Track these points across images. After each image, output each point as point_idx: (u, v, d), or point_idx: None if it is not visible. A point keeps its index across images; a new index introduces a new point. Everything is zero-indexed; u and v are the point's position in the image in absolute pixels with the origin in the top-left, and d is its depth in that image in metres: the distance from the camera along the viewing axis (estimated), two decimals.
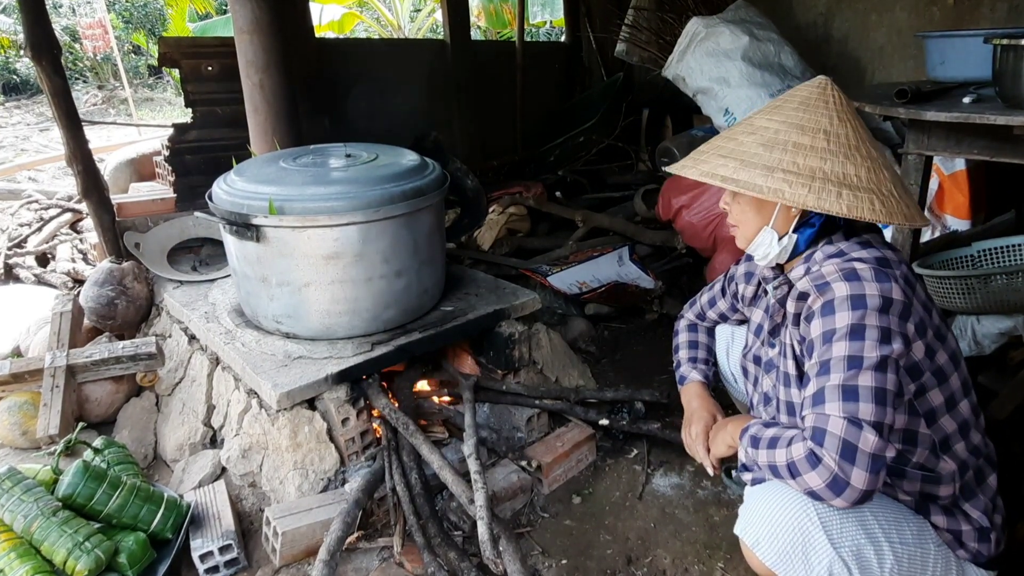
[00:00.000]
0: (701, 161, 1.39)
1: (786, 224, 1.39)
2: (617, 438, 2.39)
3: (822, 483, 1.16)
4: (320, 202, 2.05)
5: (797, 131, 1.32)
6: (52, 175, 8.29)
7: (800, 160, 1.29)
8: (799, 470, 1.19)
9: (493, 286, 2.66)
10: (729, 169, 1.32)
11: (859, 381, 1.20)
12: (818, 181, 1.26)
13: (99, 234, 3.05)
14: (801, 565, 1.23)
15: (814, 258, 1.38)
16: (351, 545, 1.92)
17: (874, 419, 1.17)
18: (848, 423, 1.17)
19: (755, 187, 1.29)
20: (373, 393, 2.17)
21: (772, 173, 1.29)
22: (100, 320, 2.79)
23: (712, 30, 3.06)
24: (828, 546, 1.21)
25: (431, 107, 4.19)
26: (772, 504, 1.27)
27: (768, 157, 1.31)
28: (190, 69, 3.23)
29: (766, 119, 1.37)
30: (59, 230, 4.62)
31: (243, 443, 2.14)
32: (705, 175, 1.35)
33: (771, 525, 1.26)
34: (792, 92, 1.38)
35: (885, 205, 1.26)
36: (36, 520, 1.74)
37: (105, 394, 2.54)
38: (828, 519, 1.22)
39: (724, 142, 1.40)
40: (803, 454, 1.19)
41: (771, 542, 1.25)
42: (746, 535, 1.30)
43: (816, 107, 1.33)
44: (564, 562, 1.91)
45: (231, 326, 2.37)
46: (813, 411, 1.22)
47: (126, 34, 17.08)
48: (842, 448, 1.15)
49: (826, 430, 1.18)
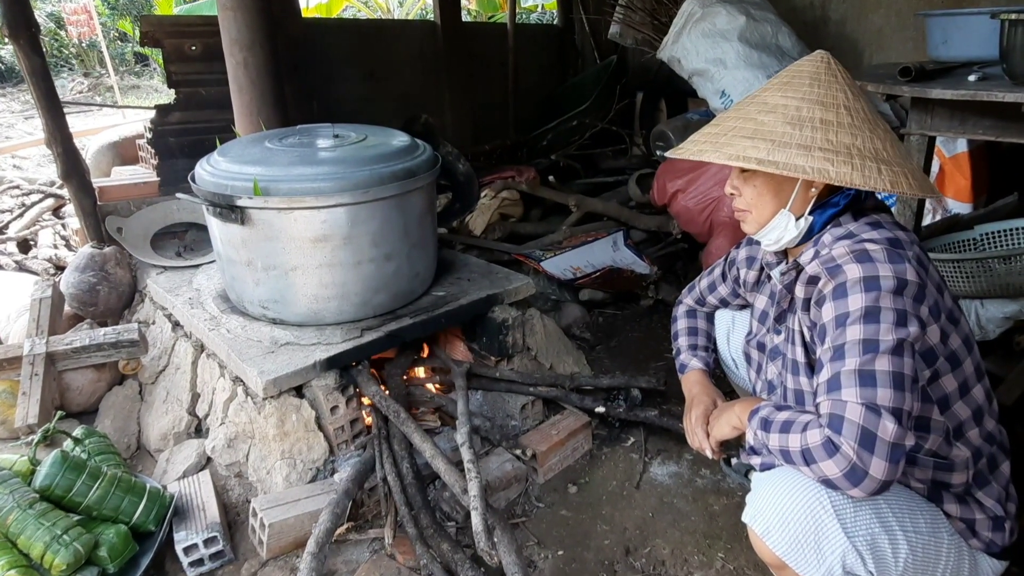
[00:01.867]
0: (724, 144, 1.29)
1: (803, 205, 1.32)
2: (613, 426, 2.35)
3: (839, 472, 1.11)
4: (307, 183, 1.98)
5: (820, 107, 1.24)
6: (37, 162, 8.15)
7: (832, 137, 1.22)
8: (815, 457, 1.14)
9: (486, 271, 2.60)
10: (762, 151, 1.23)
11: (876, 366, 1.15)
12: (857, 158, 1.20)
13: (80, 219, 2.96)
14: (813, 555, 1.19)
15: (823, 241, 1.32)
16: (341, 537, 1.87)
17: (893, 405, 1.12)
18: (866, 410, 1.12)
19: (796, 168, 1.20)
20: (363, 380, 2.11)
21: (810, 152, 1.21)
22: (81, 307, 2.70)
23: (709, 10, 2.99)
24: (842, 535, 1.17)
25: (422, 90, 4.11)
26: (783, 492, 1.22)
27: (800, 136, 1.23)
28: (173, 49, 3.13)
29: (781, 96, 1.29)
30: (41, 216, 4.52)
31: (229, 432, 2.07)
32: (735, 158, 1.25)
33: (782, 513, 1.21)
34: (796, 69, 1.31)
35: (915, 178, 1.22)
36: (12, 512, 1.68)
37: (87, 383, 2.46)
38: (842, 508, 1.18)
39: (741, 123, 1.30)
40: (819, 441, 1.14)
41: (782, 531, 1.21)
42: (755, 523, 1.26)
43: (828, 82, 1.27)
44: (560, 553, 1.87)
45: (216, 312, 2.30)
46: (829, 397, 1.17)
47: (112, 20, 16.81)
48: (861, 436, 1.10)
49: (844, 417, 1.13)
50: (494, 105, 4.38)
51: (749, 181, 1.35)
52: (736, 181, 1.38)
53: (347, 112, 3.52)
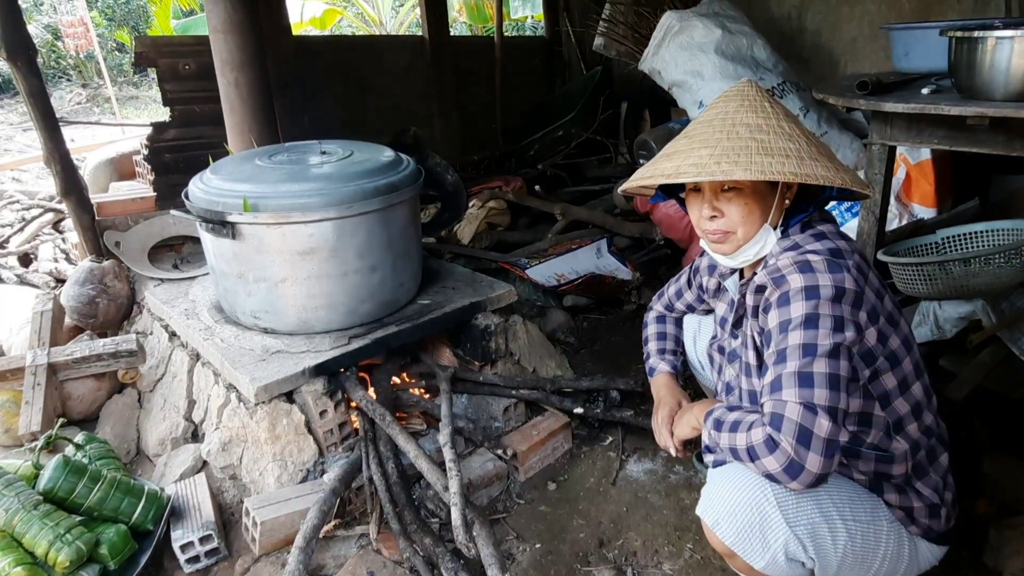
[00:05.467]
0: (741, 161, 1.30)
1: (779, 216, 1.41)
2: (593, 426, 2.44)
3: (779, 467, 1.21)
4: (294, 199, 2.08)
5: (795, 124, 1.38)
6: (36, 175, 8.25)
7: (824, 149, 1.35)
8: (758, 454, 1.24)
9: (470, 279, 2.70)
10: (788, 165, 1.28)
11: (814, 368, 1.24)
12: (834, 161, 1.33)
13: (79, 233, 3.07)
14: (759, 543, 1.28)
15: (771, 252, 1.41)
16: (329, 533, 1.96)
17: (828, 404, 1.21)
18: (804, 409, 1.21)
19: (824, 177, 1.28)
20: (350, 385, 2.21)
21: (827, 162, 1.32)
22: (82, 319, 2.81)
23: (686, 24, 3.10)
24: (784, 525, 1.26)
25: (411, 103, 4.22)
26: (731, 485, 1.32)
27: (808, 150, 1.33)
28: (167, 68, 3.24)
29: (750, 115, 1.37)
30: (41, 230, 4.62)
31: (223, 436, 2.17)
32: (769, 173, 1.28)
33: (730, 505, 1.31)
34: (729, 97, 1.41)
35: (857, 180, 1.35)
36: (17, 513, 1.77)
37: (87, 391, 2.56)
38: (784, 499, 1.27)
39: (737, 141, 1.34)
40: (762, 439, 1.23)
41: (730, 521, 1.30)
42: (706, 515, 1.35)
43: (771, 104, 1.40)
44: (538, 546, 1.96)
45: (210, 322, 2.40)
46: (771, 398, 1.27)
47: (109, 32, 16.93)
48: (798, 433, 1.20)
49: (783, 415, 1.22)
50: (482, 116, 4.49)
51: (735, 199, 1.38)
52: (718, 202, 1.40)
53: (338, 126, 3.63)
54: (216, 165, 2.35)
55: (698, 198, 1.44)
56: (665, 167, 1.39)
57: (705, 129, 1.40)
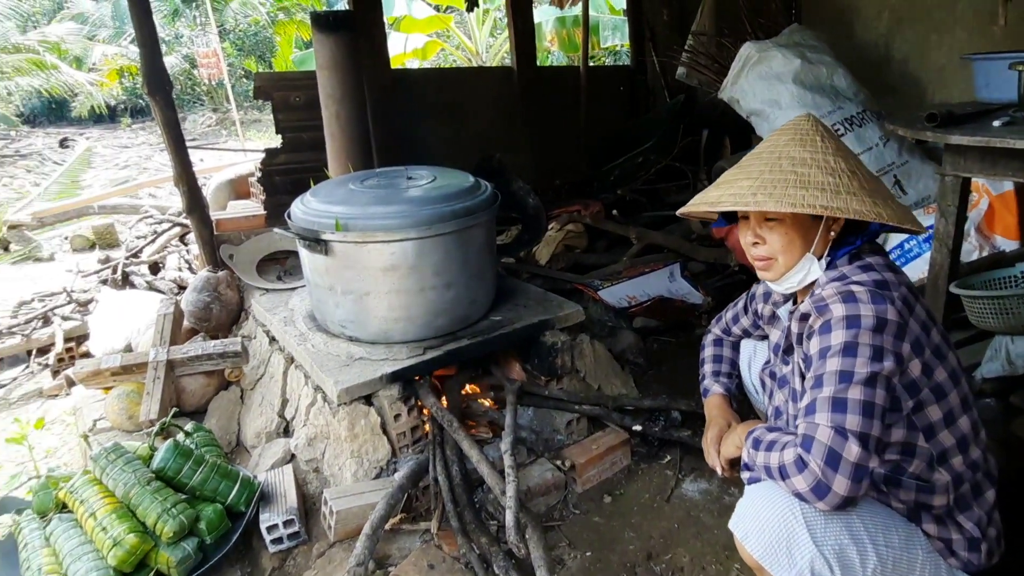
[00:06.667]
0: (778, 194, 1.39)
1: (824, 247, 1.47)
2: (652, 444, 2.51)
3: (807, 487, 1.26)
4: (379, 220, 2.30)
5: (842, 159, 1.42)
6: (169, 191, 9.18)
7: (865, 184, 1.40)
8: (788, 473, 1.29)
9: (541, 298, 2.84)
10: (822, 198, 1.36)
11: (848, 394, 1.28)
12: (891, 201, 1.40)
13: (200, 246, 3.45)
14: (785, 559, 1.32)
15: (818, 281, 1.47)
16: (395, 526, 2.14)
17: (860, 430, 1.25)
18: (835, 432, 1.26)
19: (855, 211, 1.34)
20: (423, 393, 2.39)
21: (859, 198, 1.37)
22: (197, 322, 3.17)
23: (764, 54, 3.14)
24: (810, 543, 1.30)
25: (499, 130, 4.43)
26: (762, 501, 1.38)
27: (843, 183, 1.38)
28: (280, 100, 3.61)
29: (800, 150, 1.43)
30: (169, 242, 5.17)
31: (309, 433, 2.41)
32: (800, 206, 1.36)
33: (759, 520, 1.36)
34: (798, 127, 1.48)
35: (911, 218, 1.41)
36: (134, 488, 2.06)
37: (198, 386, 2.89)
38: (812, 519, 1.31)
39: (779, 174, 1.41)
40: (792, 459, 1.29)
41: (759, 536, 1.35)
42: (737, 528, 1.41)
43: (826, 136, 1.45)
44: (588, 554, 2.06)
45: (304, 330, 2.66)
46: (804, 420, 1.32)
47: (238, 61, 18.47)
48: (827, 456, 1.24)
49: (814, 438, 1.27)
50: (565, 142, 4.64)
51: (776, 229, 1.45)
52: (761, 230, 1.48)
53: (429, 152, 3.88)
54: (315, 188, 2.62)
55: (746, 225, 1.52)
56: (711, 195, 1.49)
57: (753, 161, 1.49)
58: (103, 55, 16.27)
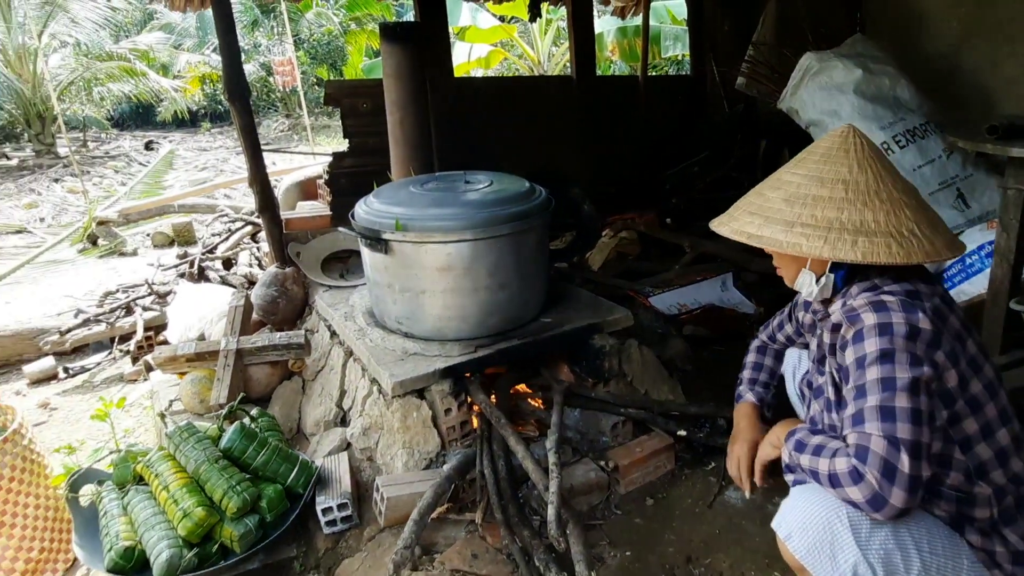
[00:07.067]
0: (733, 218, 1.54)
1: (821, 266, 1.50)
2: (697, 451, 2.53)
3: (863, 499, 1.25)
4: (436, 221, 2.41)
5: (817, 184, 1.44)
6: (243, 192, 9.64)
7: (819, 212, 1.40)
8: (840, 482, 1.29)
9: (592, 302, 2.90)
10: (754, 226, 1.46)
11: (896, 403, 1.28)
12: (834, 232, 1.38)
13: (270, 244, 3.65)
14: (828, 561, 1.32)
15: (850, 292, 1.49)
16: (442, 515, 2.23)
17: (911, 439, 1.25)
18: (888, 443, 1.25)
19: (776, 242, 1.42)
20: (474, 389, 2.48)
21: (792, 228, 1.41)
22: (265, 315, 3.35)
23: (825, 64, 3.11)
24: (855, 547, 1.30)
25: (558, 138, 4.50)
26: (807, 502, 1.38)
27: (789, 212, 1.43)
28: (348, 107, 3.78)
29: (790, 173, 1.49)
30: (242, 240, 5.45)
31: (365, 423, 2.53)
32: (735, 232, 1.50)
33: (803, 521, 1.36)
34: (817, 143, 1.50)
35: (903, 246, 1.35)
36: (203, 464, 2.21)
37: (264, 375, 3.07)
38: (858, 523, 1.31)
39: (754, 198, 1.54)
40: (846, 469, 1.28)
41: (802, 536, 1.35)
42: (780, 528, 1.41)
43: (837, 157, 1.45)
44: (628, 553, 2.10)
45: (363, 325, 2.79)
46: (854, 430, 1.32)
47: (311, 68, 19.17)
48: (883, 468, 1.24)
49: (868, 448, 1.27)
50: (622, 151, 4.68)
51: None
52: None
53: (488, 158, 3.97)
54: (378, 190, 2.75)
55: None
56: (721, 217, 1.59)
57: (761, 187, 1.57)
58: (187, 63, 17.18)
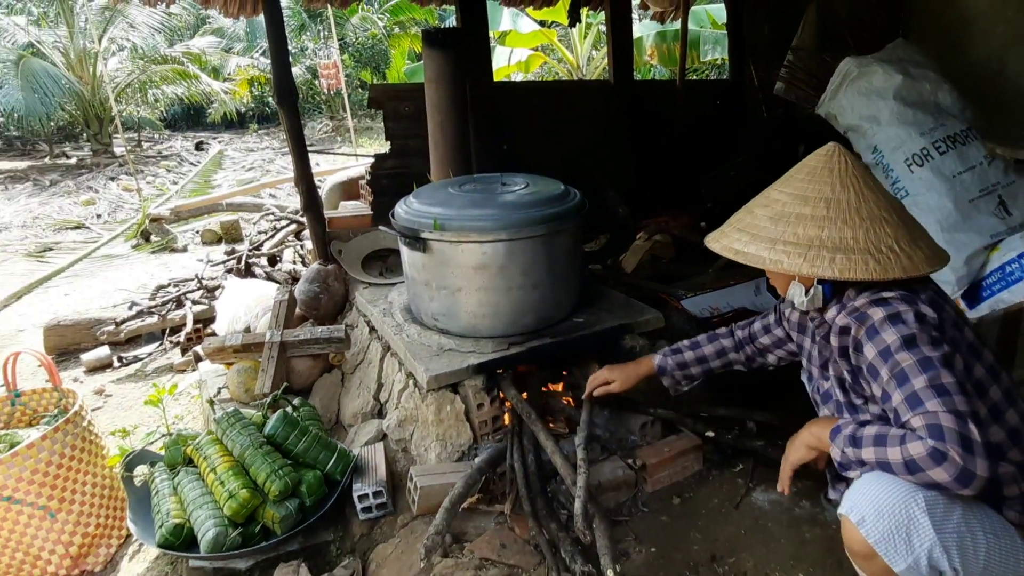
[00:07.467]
0: (724, 235, 1.64)
1: (809, 279, 1.59)
2: (726, 452, 2.55)
3: (950, 477, 1.26)
4: (473, 222, 2.48)
5: (801, 202, 1.53)
6: (287, 192, 9.91)
7: (801, 231, 1.50)
8: (921, 467, 1.29)
9: (624, 304, 2.94)
10: (742, 243, 1.56)
11: (943, 379, 1.34)
12: (814, 250, 1.47)
13: (313, 242, 3.78)
14: (903, 545, 1.33)
15: (848, 295, 1.57)
16: (473, 505, 2.30)
17: (970, 408, 1.30)
18: (955, 417, 1.29)
19: (760, 259, 1.52)
20: (506, 385, 2.55)
21: (775, 245, 1.51)
22: (307, 310, 3.48)
23: (865, 69, 3.09)
24: (931, 530, 1.31)
25: (593, 141, 4.53)
26: (880, 487, 1.38)
27: (773, 230, 1.53)
28: (391, 110, 3.89)
29: (778, 191, 1.60)
30: (287, 238, 5.63)
31: (400, 415, 2.62)
32: (724, 248, 1.60)
33: (877, 505, 1.36)
34: (804, 161, 1.60)
35: (880, 262, 1.44)
36: (248, 449, 2.33)
37: (306, 368, 3.19)
38: (933, 506, 1.33)
39: (743, 215, 1.64)
40: (925, 452, 1.29)
41: (876, 521, 1.36)
42: (852, 513, 1.40)
43: (821, 176, 1.54)
44: (652, 550, 2.14)
45: (401, 321, 2.89)
46: (916, 413, 1.34)
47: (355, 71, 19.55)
48: (960, 441, 1.27)
49: (941, 426, 1.29)
50: (659, 154, 4.69)
51: None
52: None
53: (525, 161, 4.04)
54: (418, 191, 2.85)
55: None
56: (715, 233, 1.70)
57: (751, 204, 1.68)
58: (236, 66, 17.69)
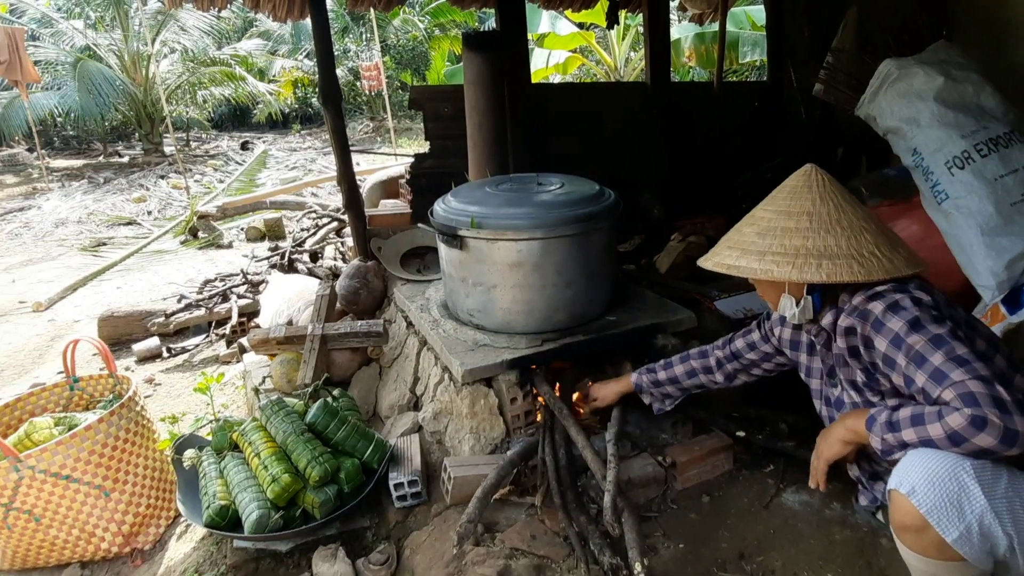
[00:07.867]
0: (715, 253, 1.74)
1: (798, 290, 1.67)
2: (757, 453, 2.56)
3: (995, 440, 1.30)
4: (509, 220, 2.54)
5: (784, 217, 1.63)
6: (328, 191, 10.12)
7: (787, 242, 1.60)
8: (965, 436, 1.33)
9: (657, 303, 2.97)
10: (732, 258, 1.67)
11: (957, 351, 1.39)
12: (801, 257, 1.57)
13: (354, 239, 3.89)
14: (955, 513, 1.36)
15: (843, 299, 1.64)
16: (504, 496, 2.36)
17: (990, 371, 1.35)
18: (982, 382, 1.34)
19: (751, 270, 1.62)
20: (539, 381, 2.60)
21: (764, 257, 1.61)
22: (347, 304, 3.58)
23: (905, 71, 3.06)
24: (982, 497, 1.34)
25: (630, 142, 4.56)
26: (927, 459, 1.41)
27: (761, 243, 1.63)
28: (431, 110, 3.98)
29: (762, 210, 1.70)
30: (328, 235, 5.77)
31: (435, 408, 2.70)
32: (716, 265, 1.71)
33: (927, 475, 1.39)
34: (784, 183, 1.72)
35: (864, 265, 1.53)
36: (290, 436, 2.43)
37: (345, 360, 3.29)
38: (981, 473, 1.35)
39: (732, 234, 1.74)
40: (965, 421, 1.32)
41: (927, 490, 1.38)
42: (902, 485, 1.42)
43: (801, 193, 1.65)
44: (681, 546, 2.17)
45: (437, 316, 2.97)
46: (944, 387, 1.38)
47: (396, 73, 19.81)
48: (995, 403, 1.31)
49: (972, 393, 1.33)
50: (693, 156, 4.69)
51: None
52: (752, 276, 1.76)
53: (561, 161, 4.08)
54: (456, 190, 2.92)
55: None
56: (707, 254, 1.80)
57: (740, 224, 1.78)
58: (281, 68, 18.09)
